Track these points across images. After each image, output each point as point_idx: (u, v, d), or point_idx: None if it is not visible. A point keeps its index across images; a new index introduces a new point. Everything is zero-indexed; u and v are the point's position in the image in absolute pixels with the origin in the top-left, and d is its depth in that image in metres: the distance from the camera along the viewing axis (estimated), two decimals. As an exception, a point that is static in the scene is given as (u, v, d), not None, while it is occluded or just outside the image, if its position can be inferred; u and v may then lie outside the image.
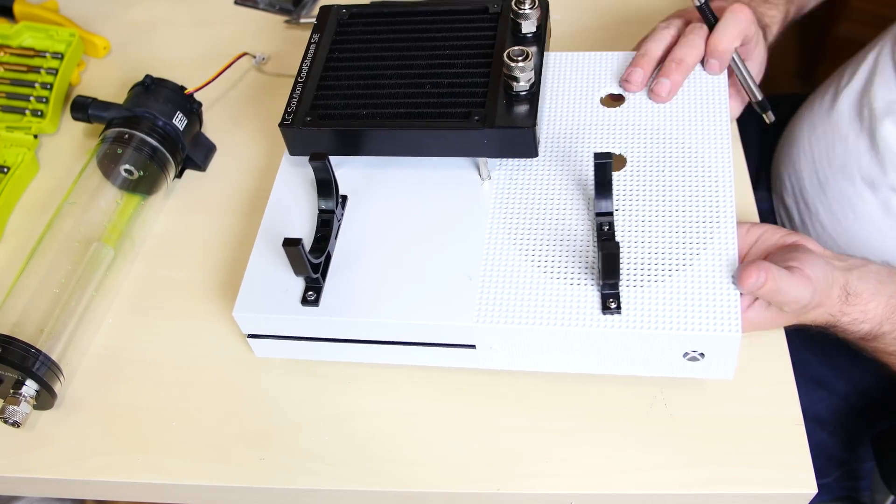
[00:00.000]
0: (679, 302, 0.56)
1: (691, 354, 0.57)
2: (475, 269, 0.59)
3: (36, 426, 0.60)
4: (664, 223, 0.60)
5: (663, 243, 0.59)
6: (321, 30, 0.68)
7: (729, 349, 0.56)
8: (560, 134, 0.65)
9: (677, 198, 0.61)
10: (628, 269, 0.58)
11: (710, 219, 0.60)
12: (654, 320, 0.56)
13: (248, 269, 0.60)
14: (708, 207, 0.60)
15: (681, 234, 0.59)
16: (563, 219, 0.61)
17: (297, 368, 0.63)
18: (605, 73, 0.69)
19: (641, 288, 0.57)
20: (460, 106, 0.61)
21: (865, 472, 0.81)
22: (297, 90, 0.64)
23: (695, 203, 0.61)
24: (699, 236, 0.59)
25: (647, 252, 0.59)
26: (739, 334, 0.55)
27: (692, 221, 0.60)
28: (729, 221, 0.60)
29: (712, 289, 0.56)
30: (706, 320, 0.55)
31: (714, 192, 0.61)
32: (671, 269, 0.58)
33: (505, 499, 0.58)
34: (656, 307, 0.56)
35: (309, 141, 0.63)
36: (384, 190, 0.64)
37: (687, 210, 0.61)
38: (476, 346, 0.59)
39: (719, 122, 0.65)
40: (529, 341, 0.58)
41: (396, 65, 0.65)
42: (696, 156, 0.63)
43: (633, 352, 0.58)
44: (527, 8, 0.64)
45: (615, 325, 0.56)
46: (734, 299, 0.56)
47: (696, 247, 0.59)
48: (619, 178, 0.62)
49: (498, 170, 0.64)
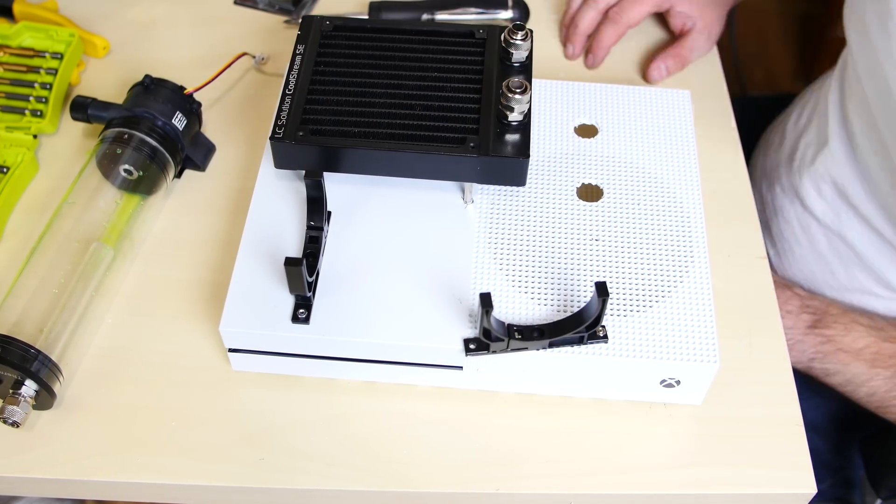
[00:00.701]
0: (660, 331, 0.58)
1: (668, 381, 0.59)
2: (464, 293, 0.59)
3: (35, 426, 0.60)
4: (641, 255, 0.62)
5: (642, 274, 0.61)
6: (305, 40, 0.67)
7: (705, 377, 0.58)
8: (538, 161, 0.67)
9: (652, 229, 0.63)
10: (611, 299, 0.59)
11: (685, 251, 0.62)
12: (638, 349, 0.58)
13: (232, 283, 0.60)
14: (681, 240, 0.63)
15: (658, 265, 0.62)
16: (545, 246, 0.62)
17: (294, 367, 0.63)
18: (579, 102, 0.71)
19: (624, 318, 0.59)
20: (453, 131, 0.62)
21: (858, 480, 0.81)
22: (285, 102, 0.63)
23: (669, 235, 0.63)
24: (676, 267, 0.62)
25: (628, 283, 0.61)
26: (717, 364, 0.57)
27: (668, 253, 0.62)
28: (702, 254, 0.62)
29: (690, 320, 0.59)
30: (686, 350, 0.58)
31: (686, 225, 0.64)
32: (651, 299, 0.60)
33: (504, 499, 0.58)
34: (639, 336, 0.58)
35: (299, 156, 0.62)
36: (369, 208, 0.64)
37: (662, 242, 0.63)
38: (463, 368, 0.59)
39: (687, 154, 0.68)
40: (517, 366, 0.59)
41: (385, 83, 0.65)
42: (668, 189, 0.66)
43: (613, 377, 0.59)
44: (519, 39, 0.65)
45: (601, 353, 0.57)
46: (711, 330, 0.58)
47: (674, 278, 0.61)
48: (597, 209, 0.64)
49: (480, 194, 0.64)
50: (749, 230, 0.70)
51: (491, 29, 0.68)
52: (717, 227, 0.68)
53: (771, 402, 0.61)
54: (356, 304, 0.59)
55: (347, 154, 0.62)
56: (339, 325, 0.58)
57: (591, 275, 0.61)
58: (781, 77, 1.72)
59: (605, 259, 0.61)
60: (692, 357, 0.57)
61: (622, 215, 0.64)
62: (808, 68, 1.70)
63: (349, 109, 0.63)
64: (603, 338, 0.57)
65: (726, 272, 0.65)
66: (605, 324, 0.58)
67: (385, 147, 0.61)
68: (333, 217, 0.63)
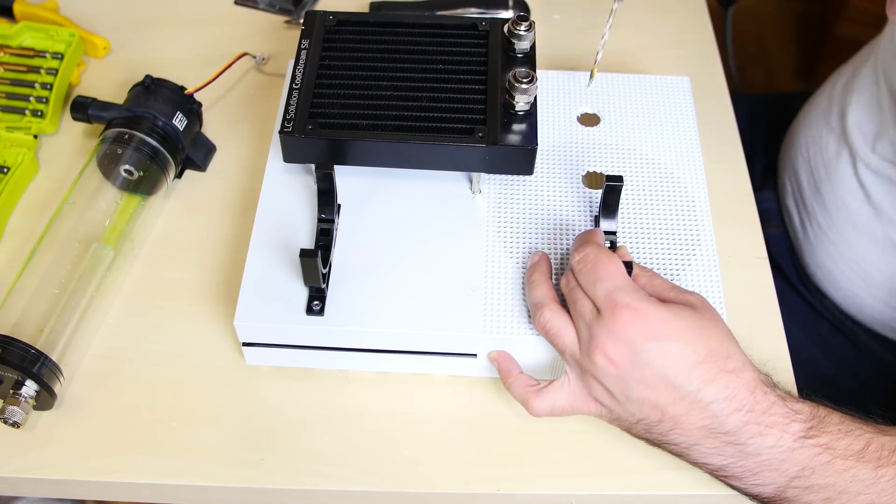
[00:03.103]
0: None
1: None
2: (476, 281, 0.60)
3: (36, 426, 0.60)
4: (648, 242, 0.63)
5: (650, 259, 0.62)
6: (309, 35, 0.68)
7: None
8: (543, 151, 0.67)
9: (658, 214, 0.64)
10: None
11: (691, 235, 0.63)
12: None
13: (244, 277, 0.60)
14: (688, 223, 0.64)
15: (665, 249, 0.62)
16: (553, 233, 0.63)
17: (298, 369, 0.62)
18: (581, 91, 0.72)
19: None
20: (461, 122, 0.62)
21: None
22: (293, 97, 0.63)
23: (675, 219, 0.64)
24: (683, 251, 0.62)
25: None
26: None
27: (674, 237, 0.63)
28: (708, 236, 0.63)
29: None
30: None
31: (692, 209, 0.64)
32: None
33: (505, 499, 0.58)
34: None
35: (308, 149, 0.63)
36: (378, 200, 0.64)
37: (668, 226, 0.64)
38: (477, 355, 0.60)
39: (689, 139, 0.69)
40: (532, 351, 0.59)
41: (390, 76, 0.65)
42: (671, 174, 0.67)
43: None
44: (523, 30, 0.66)
45: None
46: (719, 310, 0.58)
47: (682, 261, 0.62)
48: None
49: (487, 184, 0.65)
50: (749, 230, 0.70)
51: (493, 21, 0.68)
52: (718, 227, 0.68)
53: (771, 403, 0.61)
54: (369, 295, 0.59)
55: (357, 146, 0.62)
56: (353, 315, 0.58)
57: None
58: (781, 77, 1.72)
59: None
60: None
61: (628, 202, 0.65)
62: (808, 68, 1.70)
63: (356, 102, 0.64)
64: None
65: (726, 272, 0.65)
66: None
67: (394, 139, 0.61)
68: (343, 210, 0.63)
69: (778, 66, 1.74)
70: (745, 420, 0.51)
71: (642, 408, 0.53)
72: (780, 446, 0.51)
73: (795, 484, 0.52)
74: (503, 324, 0.58)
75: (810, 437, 0.51)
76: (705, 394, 0.51)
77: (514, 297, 0.59)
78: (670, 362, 0.51)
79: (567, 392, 0.55)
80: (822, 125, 0.84)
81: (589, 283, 0.53)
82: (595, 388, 0.54)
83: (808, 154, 0.85)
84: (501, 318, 0.58)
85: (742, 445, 0.52)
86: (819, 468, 0.51)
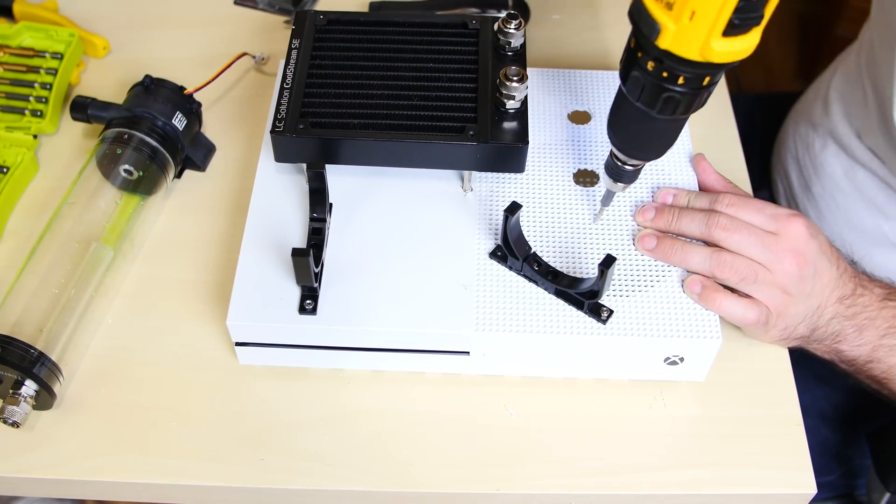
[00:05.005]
0: (662, 310, 0.59)
1: (672, 359, 0.59)
2: (468, 279, 0.60)
3: (35, 426, 0.60)
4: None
5: (642, 255, 0.62)
6: (300, 35, 0.67)
7: (708, 354, 0.59)
8: (534, 149, 0.67)
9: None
10: (614, 280, 0.60)
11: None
12: (641, 327, 0.58)
13: (237, 277, 0.60)
14: None
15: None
16: (545, 231, 0.63)
17: (295, 369, 0.62)
18: (572, 89, 0.72)
19: (626, 298, 0.60)
20: (452, 120, 0.62)
21: (864, 469, 0.81)
22: (284, 96, 0.63)
23: None
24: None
25: (628, 264, 0.61)
26: (720, 340, 0.58)
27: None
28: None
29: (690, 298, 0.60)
30: (688, 327, 0.58)
31: None
32: (651, 279, 0.61)
33: (504, 499, 0.58)
34: (642, 315, 0.59)
35: (299, 149, 0.63)
36: (369, 199, 0.64)
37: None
38: (470, 353, 0.60)
39: (681, 139, 0.68)
40: (524, 348, 0.59)
41: (381, 75, 0.65)
42: (661, 170, 0.66)
43: (618, 357, 0.60)
44: (513, 28, 0.66)
45: (605, 333, 0.58)
46: None
47: (677, 265, 0.61)
48: (595, 193, 0.65)
49: (478, 182, 0.65)
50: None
51: (483, 19, 0.68)
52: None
53: (771, 402, 0.61)
54: (361, 294, 0.59)
55: (348, 145, 0.62)
56: (345, 314, 0.58)
57: (592, 258, 0.61)
58: (781, 77, 1.72)
59: (604, 242, 0.62)
60: (694, 334, 0.58)
61: (619, 198, 0.64)
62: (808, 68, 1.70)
63: (347, 101, 0.64)
64: (601, 319, 0.58)
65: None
66: (605, 303, 0.59)
67: (385, 137, 0.61)
68: (335, 209, 0.63)
69: (778, 66, 1.74)
70: (855, 284, 0.61)
71: (810, 301, 0.60)
72: (871, 305, 0.60)
73: (884, 342, 0.60)
74: (495, 321, 0.58)
75: (892, 300, 0.61)
76: (837, 267, 0.61)
77: (506, 294, 0.59)
78: (824, 252, 0.60)
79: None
80: (809, 123, 0.85)
81: (752, 213, 0.60)
82: (775, 297, 0.59)
83: (797, 152, 0.86)
84: (494, 316, 0.58)
85: (854, 307, 0.61)
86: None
